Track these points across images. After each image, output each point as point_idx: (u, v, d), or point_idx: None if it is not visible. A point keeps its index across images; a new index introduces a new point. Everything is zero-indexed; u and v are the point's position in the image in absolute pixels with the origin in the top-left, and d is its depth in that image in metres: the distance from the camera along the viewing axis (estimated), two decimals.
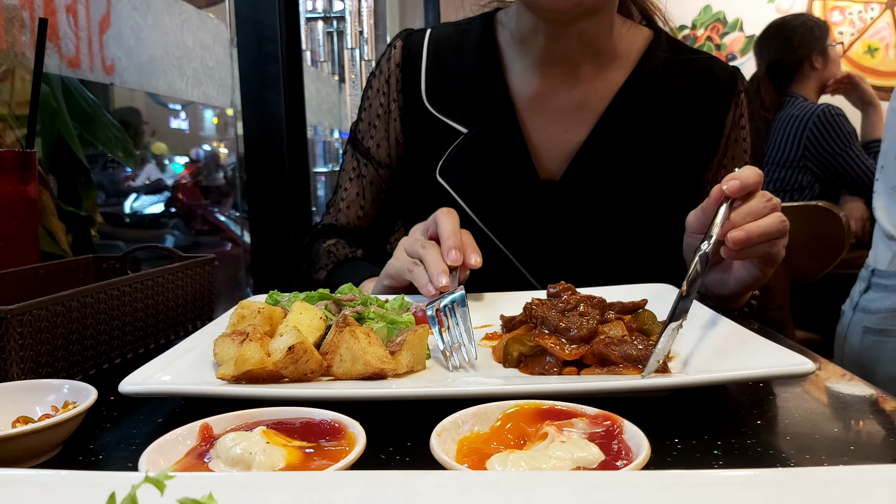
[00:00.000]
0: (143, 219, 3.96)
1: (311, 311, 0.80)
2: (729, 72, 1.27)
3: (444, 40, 1.33)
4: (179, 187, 4.40)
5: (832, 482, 0.42)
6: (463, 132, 1.26)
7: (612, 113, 1.22)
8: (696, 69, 1.25)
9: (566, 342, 0.75)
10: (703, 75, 1.25)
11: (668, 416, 0.68)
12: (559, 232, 1.23)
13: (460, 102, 1.28)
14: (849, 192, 2.98)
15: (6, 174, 0.97)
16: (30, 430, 0.57)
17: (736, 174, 0.88)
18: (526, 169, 1.24)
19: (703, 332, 0.81)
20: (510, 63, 1.28)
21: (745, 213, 0.87)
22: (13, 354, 0.70)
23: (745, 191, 0.88)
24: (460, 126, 1.26)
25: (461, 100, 1.28)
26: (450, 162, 1.27)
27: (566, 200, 1.22)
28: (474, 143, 1.25)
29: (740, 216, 0.87)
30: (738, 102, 1.26)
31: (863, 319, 1.91)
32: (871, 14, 5.23)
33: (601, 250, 1.23)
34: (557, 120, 1.25)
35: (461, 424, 0.56)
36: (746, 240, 0.85)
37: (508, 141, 1.24)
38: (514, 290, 1.13)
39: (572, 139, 1.23)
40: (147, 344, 0.93)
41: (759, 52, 3.24)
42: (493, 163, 1.25)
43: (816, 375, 0.74)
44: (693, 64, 1.26)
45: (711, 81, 1.25)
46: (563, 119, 1.24)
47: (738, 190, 0.87)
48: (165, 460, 0.52)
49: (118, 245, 2.43)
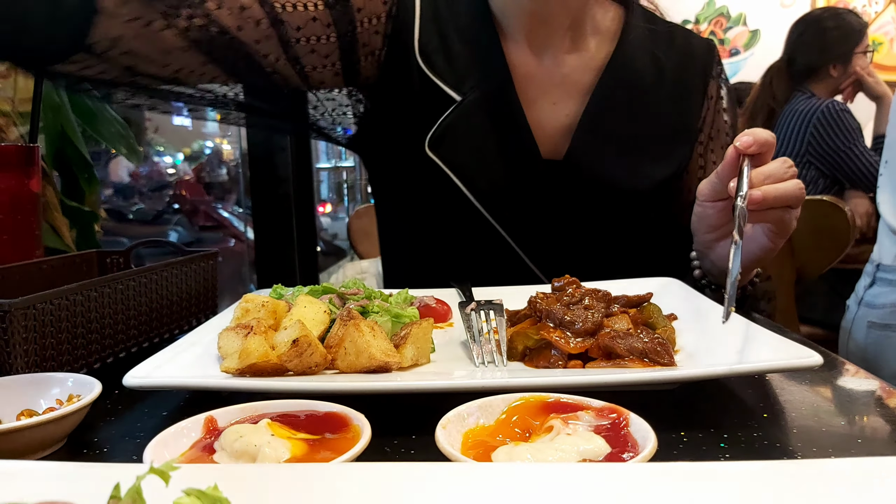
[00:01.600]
0: (146, 215, 3.97)
1: (316, 304, 0.80)
2: (705, 43, 1.27)
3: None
4: (182, 184, 4.41)
5: (839, 474, 0.42)
6: (457, 99, 1.12)
7: (603, 88, 1.17)
8: (674, 41, 1.24)
9: (571, 335, 0.75)
10: (682, 46, 1.24)
11: (675, 409, 0.68)
12: (563, 216, 1.17)
13: (454, 64, 1.14)
14: (853, 188, 2.96)
15: (9, 168, 0.97)
16: (34, 422, 0.57)
17: (748, 131, 0.87)
18: (528, 146, 1.15)
19: (709, 326, 0.81)
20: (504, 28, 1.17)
21: (764, 174, 0.86)
22: (17, 348, 0.70)
23: (759, 146, 0.86)
24: (454, 92, 1.12)
25: (455, 60, 1.14)
26: (442, 133, 1.13)
27: (570, 181, 1.16)
28: (471, 113, 1.13)
29: (759, 178, 0.85)
30: (719, 72, 1.26)
31: (868, 314, 1.90)
32: (875, 8, 5.21)
33: (606, 234, 1.20)
34: (547, 92, 1.18)
35: (466, 417, 0.55)
36: (763, 200, 0.83)
37: (508, 114, 1.14)
38: (515, 278, 1.12)
39: (560, 113, 1.18)
40: (151, 338, 0.93)
41: (787, 38, 3.14)
42: (493, 138, 1.14)
43: (822, 369, 0.74)
44: (671, 35, 1.24)
45: (691, 53, 1.24)
46: (552, 91, 1.18)
47: (751, 144, 0.86)
48: (170, 452, 0.52)
49: (122, 241, 2.44)
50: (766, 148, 0.87)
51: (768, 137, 0.87)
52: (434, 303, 0.95)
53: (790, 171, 0.87)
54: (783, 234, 0.92)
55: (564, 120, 1.18)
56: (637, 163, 1.17)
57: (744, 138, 0.86)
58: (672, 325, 0.80)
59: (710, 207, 0.96)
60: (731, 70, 5.31)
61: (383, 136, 1.22)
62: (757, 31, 5.29)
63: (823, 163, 2.91)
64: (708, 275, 1.11)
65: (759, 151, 0.87)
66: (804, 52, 3.03)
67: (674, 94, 1.21)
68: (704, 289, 1.11)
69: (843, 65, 3.00)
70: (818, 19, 3.08)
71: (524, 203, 1.16)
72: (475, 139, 1.14)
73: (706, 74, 1.24)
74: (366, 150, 1.31)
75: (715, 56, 1.25)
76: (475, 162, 1.14)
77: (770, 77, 3.12)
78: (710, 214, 0.97)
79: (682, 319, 0.85)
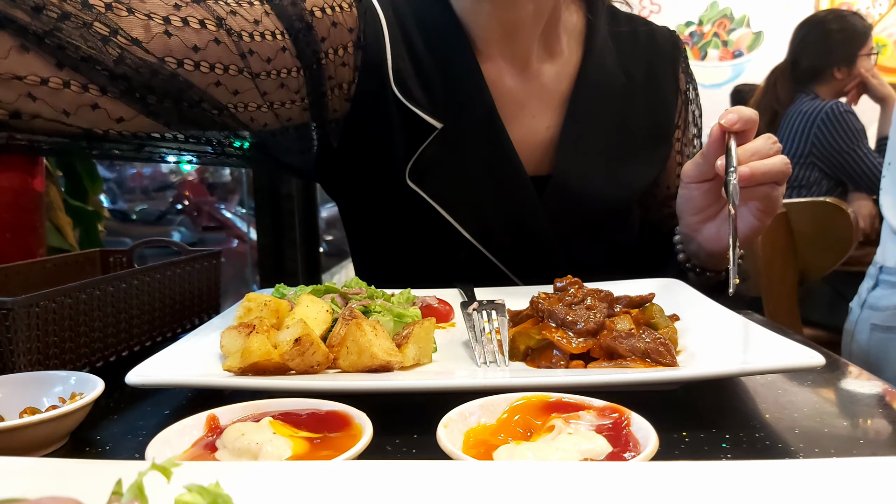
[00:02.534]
0: (150, 215, 3.98)
1: (318, 303, 0.80)
2: (668, 35, 1.25)
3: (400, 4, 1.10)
4: (186, 184, 4.42)
5: (841, 475, 0.42)
6: (437, 127, 1.05)
7: (578, 98, 1.14)
8: (638, 41, 1.21)
9: (573, 336, 0.75)
10: (646, 46, 1.21)
11: (676, 410, 0.68)
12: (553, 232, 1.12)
13: (430, 88, 1.07)
14: (856, 190, 2.95)
15: (12, 168, 0.98)
16: (37, 420, 0.57)
17: (732, 109, 0.88)
18: (513, 166, 1.09)
19: (711, 326, 0.81)
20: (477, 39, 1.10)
21: (750, 151, 0.87)
22: (20, 346, 0.70)
23: (744, 123, 0.87)
24: (433, 119, 1.05)
25: (431, 84, 1.07)
26: (423, 163, 1.06)
27: (558, 197, 1.11)
28: (453, 139, 1.06)
29: (746, 154, 0.86)
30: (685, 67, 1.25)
31: (871, 316, 1.90)
32: (879, 10, 5.20)
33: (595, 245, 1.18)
34: (525, 105, 1.13)
35: (468, 416, 0.55)
36: (751, 177, 0.84)
37: (491, 135, 1.09)
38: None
39: (541, 126, 1.13)
40: (154, 337, 0.93)
41: (791, 41, 3.13)
42: (477, 162, 1.08)
43: (825, 370, 0.74)
44: (635, 37, 1.21)
45: (657, 51, 1.22)
46: (530, 104, 1.13)
47: (736, 121, 0.87)
48: (172, 450, 0.52)
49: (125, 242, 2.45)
50: (751, 125, 0.88)
51: (752, 115, 0.87)
52: (436, 302, 0.95)
53: (775, 147, 0.88)
54: (770, 211, 0.92)
55: (545, 133, 1.14)
56: (621, 171, 1.15)
57: (729, 115, 0.87)
58: (674, 326, 0.80)
59: (695, 189, 0.96)
60: (734, 71, 5.31)
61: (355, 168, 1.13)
62: (760, 32, 5.29)
63: (827, 164, 2.90)
64: (693, 258, 1.09)
65: (744, 129, 0.87)
66: (808, 55, 3.02)
67: (647, 96, 1.19)
68: (688, 272, 1.10)
69: (847, 67, 3.00)
70: (822, 21, 3.07)
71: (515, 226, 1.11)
72: (458, 166, 1.08)
73: (675, 70, 1.22)
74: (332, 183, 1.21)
75: (680, 50, 1.24)
76: (460, 190, 1.09)
77: (774, 79, 3.11)
78: (695, 196, 0.97)
79: (685, 320, 0.84)
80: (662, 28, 1.26)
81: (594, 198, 1.13)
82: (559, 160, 1.12)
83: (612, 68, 1.16)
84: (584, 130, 1.14)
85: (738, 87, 4.53)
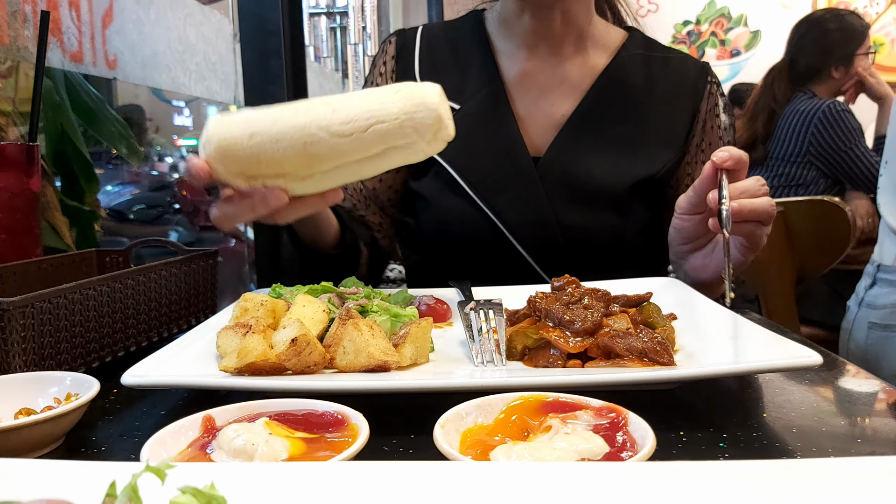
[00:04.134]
0: (147, 215, 3.96)
1: (315, 303, 0.80)
2: (700, 65, 1.35)
3: (436, 34, 1.38)
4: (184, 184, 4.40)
5: (838, 474, 0.42)
6: (456, 108, 1.27)
7: (595, 91, 1.28)
8: (670, 63, 1.33)
9: (570, 335, 0.75)
10: (676, 68, 1.32)
11: (674, 409, 0.67)
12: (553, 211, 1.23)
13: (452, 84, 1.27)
14: (854, 189, 2.95)
15: (9, 168, 0.97)
16: (32, 421, 0.57)
17: (724, 148, 0.93)
18: (516, 143, 1.25)
19: (709, 325, 0.81)
20: (498, 46, 1.33)
21: (740, 189, 0.92)
22: (16, 346, 0.70)
23: (734, 163, 0.92)
24: (453, 103, 1.25)
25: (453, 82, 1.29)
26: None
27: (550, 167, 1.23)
28: (467, 118, 1.24)
29: (736, 192, 0.91)
30: (711, 91, 1.32)
31: (868, 315, 1.90)
32: (876, 9, 5.21)
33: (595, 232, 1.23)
34: (544, 95, 1.29)
35: (465, 416, 0.55)
36: (739, 211, 0.89)
37: (499, 116, 1.27)
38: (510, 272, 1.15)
39: (556, 113, 1.28)
40: (150, 337, 0.93)
41: (789, 40, 3.14)
42: (486, 138, 1.26)
43: (822, 369, 0.74)
44: (667, 60, 1.33)
45: (685, 74, 1.32)
46: (549, 94, 1.29)
47: (727, 159, 0.92)
48: (168, 451, 0.52)
49: (122, 241, 2.44)
50: (741, 165, 0.93)
51: (742, 156, 0.93)
52: (433, 302, 0.95)
53: (763, 189, 0.93)
54: (754, 248, 0.97)
55: (561, 120, 1.27)
56: (616, 161, 1.24)
57: (720, 153, 0.92)
58: (671, 325, 0.80)
59: (686, 220, 1.02)
60: (731, 71, 5.31)
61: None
62: (758, 31, 5.29)
63: (824, 163, 2.90)
64: None
65: (735, 168, 0.93)
66: (806, 54, 3.02)
67: (663, 106, 1.29)
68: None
69: (844, 66, 3.00)
70: (820, 21, 3.08)
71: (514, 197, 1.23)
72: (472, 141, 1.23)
73: (697, 94, 1.31)
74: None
75: (708, 76, 1.33)
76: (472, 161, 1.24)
77: (771, 78, 3.11)
78: (686, 227, 1.03)
79: (682, 319, 0.84)
80: (695, 59, 1.38)
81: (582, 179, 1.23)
82: (554, 141, 1.26)
83: (636, 77, 1.30)
84: (591, 118, 1.26)
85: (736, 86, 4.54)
